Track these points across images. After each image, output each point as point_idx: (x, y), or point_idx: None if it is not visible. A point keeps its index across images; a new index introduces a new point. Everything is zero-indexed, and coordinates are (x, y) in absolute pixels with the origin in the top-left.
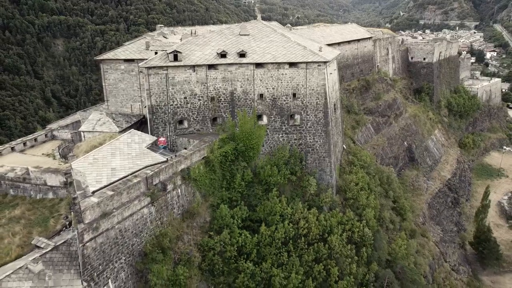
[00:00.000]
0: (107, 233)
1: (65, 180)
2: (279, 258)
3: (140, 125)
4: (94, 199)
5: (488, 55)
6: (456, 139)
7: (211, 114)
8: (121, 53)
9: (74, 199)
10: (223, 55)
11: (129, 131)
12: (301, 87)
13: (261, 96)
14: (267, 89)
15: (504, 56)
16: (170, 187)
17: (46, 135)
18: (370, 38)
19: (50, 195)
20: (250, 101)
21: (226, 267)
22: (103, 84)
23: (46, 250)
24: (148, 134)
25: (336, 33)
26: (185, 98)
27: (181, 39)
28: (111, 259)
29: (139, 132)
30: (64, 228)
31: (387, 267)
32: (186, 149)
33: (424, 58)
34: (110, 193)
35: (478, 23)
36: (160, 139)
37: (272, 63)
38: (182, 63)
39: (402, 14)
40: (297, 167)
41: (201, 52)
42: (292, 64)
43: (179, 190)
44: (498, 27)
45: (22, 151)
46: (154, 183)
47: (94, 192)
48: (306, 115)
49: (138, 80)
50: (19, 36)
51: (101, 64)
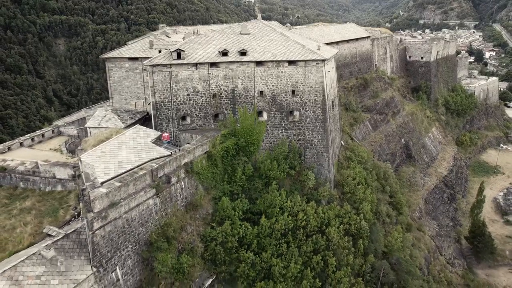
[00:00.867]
0: (115, 222)
1: (73, 173)
2: (279, 249)
3: (144, 121)
4: (103, 190)
5: (487, 55)
6: (453, 137)
7: (213, 110)
8: (125, 51)
9: (84, 190)
10: (225, 54)
11: (134, 127)
12: (300, 85)
13: (261, 93)
14: (267, 86)
15: (503, 55)
16: (174, 180)
17: (53, 131)
18: (368, 37)
19: (59, 188)
20: (250, 98)
21: (227, 257)
22: (108, 81)
23: (58, 238)
24: (152, 130)
25: (335, 32)
26: (188, 95)
27: (183, 38)
28: (119, 247)
29: (144, 127)
30: (73, 218)
31: (383, 259)
32: (189, 144)
33: (422, 57)
34: (118, 184)
35: (477, 23)
36: (164, 135)
37: (272, 61)
38: (185, 61)
39: (402, 13)
40: (296, 162)
41: (203, 50)
42: (291, 62)
43: (183, 183)
44: (497, 27)
45: (30, 146)
46: (159, 176)
47: (102, 183)
48: (305, 112)
49: (142, 77)
50: (21, 35)
51: (106, 62)
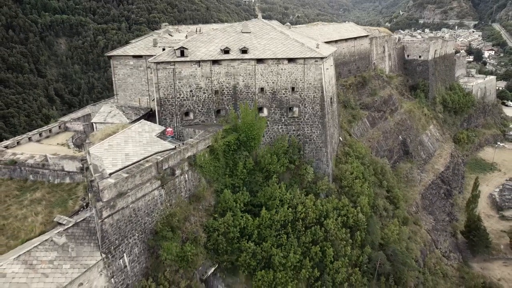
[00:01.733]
0: (123, 211)
1: (81, 166)
2: (279, 239)
3: (147, 117)
4: (111, 180)
5: (486, 54)
6: (451, 135)
7: (215, 106)
8: (130, 49)
9: (92, 181)
10: (227, 51)
11: (139, 121)
12: (299, 81)
13: (261, 89)
14: (267, 83)
15: (502, 55)
16: (178, 172)
17: (59, 127)
18: (366, 36)
19: (67, 180)
20: (251, 94)
21: (229, 247)
22: (113, 79)
23: (68, 226)
24: (157, 124)
25: (333, 31)
26: (191, 91)
27: (186, 37)
28: (126, 235)
29: (149, 122)
30: (81, 208)
31: (380, 250)
32: (192, 138)
33: (419, 56)
34: (125, 175)
35: (477, 22)
36: (167, 130)
37: (272, 59)
38: (188, 59)
39: (401, 13)
40: (295, 156)
41: (205, 48)
42: (291, 59)
43: (186, 176)
44: (496, 26)
45: (38, 141)
46: (164, 168)
47: (110, 174)
48: (304, 108)
49: (146, 75)
50: (22, 35)
51: (111, 60)
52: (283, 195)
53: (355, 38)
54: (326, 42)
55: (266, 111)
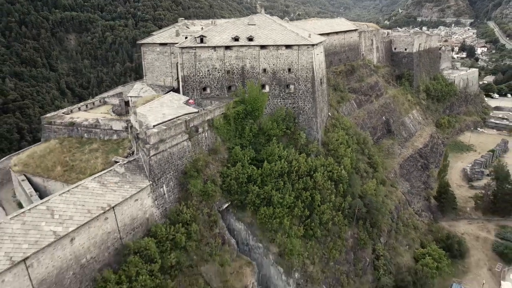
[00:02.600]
0: (163, 153)
1: (125, 125)
2: (277, 185)
3: None
4: (155, 130)
5: (478, 51)
6: (433, 120)
7: (227, 83)
8: (157, 38)
9: (138, 133)
10: (236, 39)
11: (169, 92)
12: (294, 64)
13: (264, 70)
14: (269, 65)
15: (493, 51)
16: (200, 130)
17: (100, 101)
18: (355, 30)
19: (115, 137)
20: (256, 74)
21: (239, 189)
22: (143, 62)
23: (124, 162)
24: (182, 95)
25: (325, 25)
26: (208, 71)
27: (202, 29)
28: (165, 171)
29: (176, 93)
30: (128, 155)
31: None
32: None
33: (405, 49)
34: (164, 127)
35: (473, 20)
36: (190, 101)
37: (272, 46)
38: (206, 45)
39: (400, 11)
40: (291, 124)
41: (219, 37)
42: (288, 46)
43: (206, 134)
44: (491, 24)
45: (85, 111)
46: (190, 126)
47: (154, 126)
48: (298, 85)
49: (170, 59)
50: (35, 30)
51: (141, 47)
52: (281, 153)
53: (345, 32)
54: (319, 34)
55: (268, 88)
